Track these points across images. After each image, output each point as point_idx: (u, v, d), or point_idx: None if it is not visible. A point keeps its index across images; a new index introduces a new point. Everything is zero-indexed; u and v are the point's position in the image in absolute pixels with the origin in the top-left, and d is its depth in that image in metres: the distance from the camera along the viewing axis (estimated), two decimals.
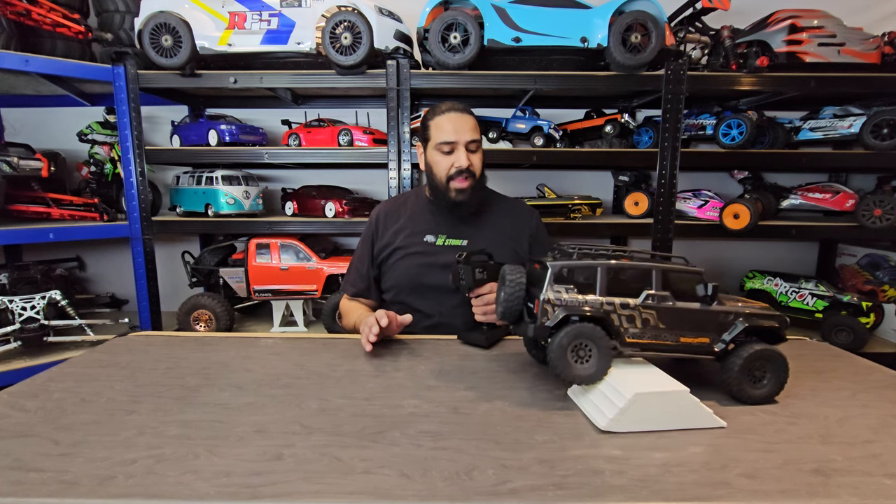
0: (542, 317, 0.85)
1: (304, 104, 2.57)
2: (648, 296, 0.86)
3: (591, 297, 0.86)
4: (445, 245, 1.47)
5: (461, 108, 1.44)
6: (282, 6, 1.98)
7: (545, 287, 0.86)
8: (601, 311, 0.85)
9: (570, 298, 0.85)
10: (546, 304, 0.85)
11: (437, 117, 1.43)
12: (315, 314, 2.48)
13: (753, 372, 0.88)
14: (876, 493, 0.64)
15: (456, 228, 1.49)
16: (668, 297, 0.87)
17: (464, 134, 1.40)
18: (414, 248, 1.48)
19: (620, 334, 0.86)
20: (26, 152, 2.15)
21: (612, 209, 2.70)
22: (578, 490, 0.64)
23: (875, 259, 2.39)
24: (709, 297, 0.88)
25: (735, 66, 2.00)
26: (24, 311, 1.97)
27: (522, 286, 0.93)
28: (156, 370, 1.04)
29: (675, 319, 0.87)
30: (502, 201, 1.60)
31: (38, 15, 2.01)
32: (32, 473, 0.66)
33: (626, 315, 0.86)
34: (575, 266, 0.87)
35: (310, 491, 0.63)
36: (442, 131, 1.41)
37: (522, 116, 2.25)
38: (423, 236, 1.48)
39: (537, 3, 1.93)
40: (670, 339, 0.88)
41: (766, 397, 0.89)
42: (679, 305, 0.87)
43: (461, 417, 0.84)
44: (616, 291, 0.87)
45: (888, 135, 1.95)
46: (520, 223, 1.55)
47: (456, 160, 1.40)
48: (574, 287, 0.86)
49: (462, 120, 1.41)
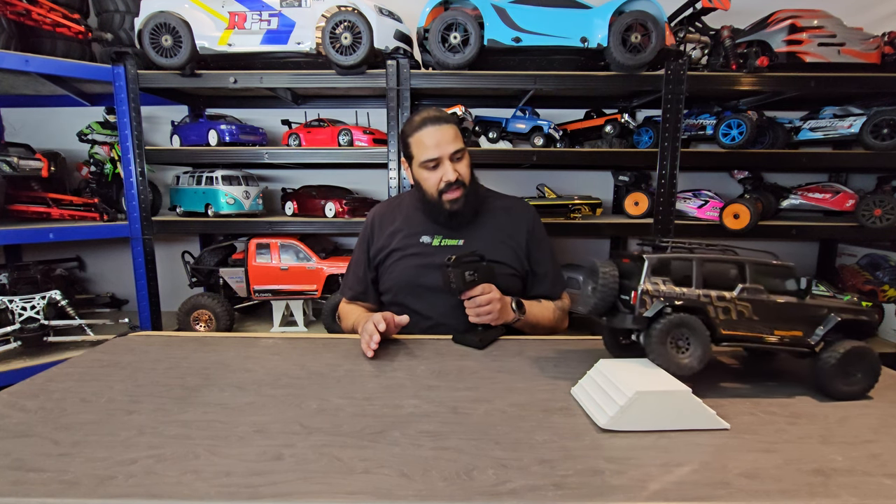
0: (640, 307, 0.87)
1: (304, 104, 2.57)
2: (744, 289, 0.89)
3: (688, 289, 0.88)
4: (441, 245, 1.47)
5: (436, 117, 1.39)
6: (282, 6, 1.98)
7: (643, 278, 0.88)
8: (699, 302, 0.87)
9: (667, 290, 0.88)
10: (644, 294, 0.87)
11: (416, 134, 1.40)
12: (315, 314, 2.48)
13: (847, 368, 0.90)
14: (876, 493, 0.64)
15: (451, 229, 1.48)
16: (762, 290, 0.89)
17: (446, 147, 1.37)
18: (410, 250, 1.47)
19: (716, 326, 0.88)
20: (26, 152, 2.15)
21: (612, 209, 2.69)
22: (578, 490, 0.64)
23: (875, 259, 2.39)
24: (802, 291, 0.90)
25: (735, 66, 2.00)
26: (24, 311, 1.97)
27: (616, 279, 0.94)
28: (156, 370, 1.04)
29: (769, 312, 0.90)
30: (498, 199, 1.59)
31: (38, 15, 2.00)
32: (32, 473, 0.66)
33: (722, 307, 0.88)
34: (672, 259, 0.90)
35: (310, 491, 0.63)
36: (424, 148, 1.38)
37: (522, 116, 2.25)
38: (419, 237, 1.48)
39: (537, 3, 1.93)
40: (765, 332, 0.90)
41: (858, 393, 0.91)
42: (774, 298, 0.90)
43: (461, 417, 0.84)
44: (709, 285, 0.89)
45: (888, 135, 1.95)
46: (517, 220, 1.54)
47: (444, 174, 1.38)
48: (670, 279, 0.89)
49: (441, 132, 1.37)
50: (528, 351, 1.19)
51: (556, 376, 1.02)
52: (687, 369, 0.86)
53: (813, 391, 0.95)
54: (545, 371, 1.05)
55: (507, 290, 1.37)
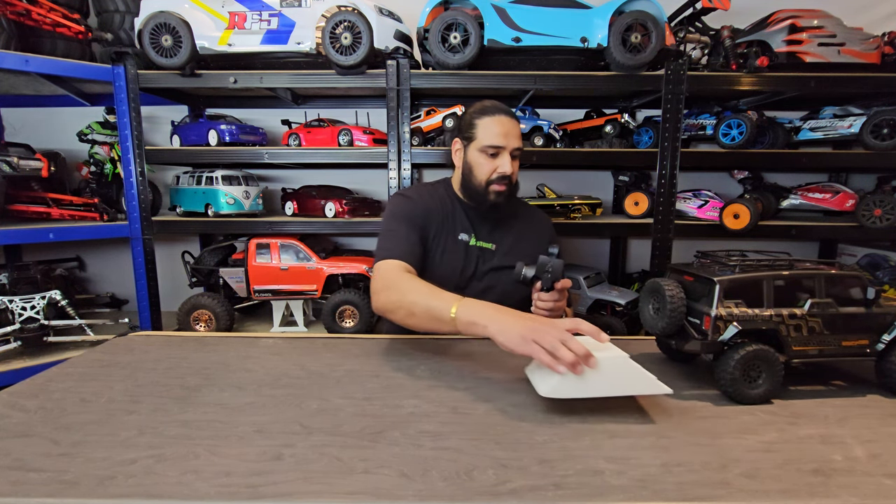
0: (713, 333, 0.87)
1: (304, 104, 2.57)
2: (814, 304, 0.89)
3: (760, 310, 0.88)
4: (478, 246, 1.46)
5: (509, 110, 1.40)
6: (282, 6, 1.98)
7: (714, 303, 0.87)
8: (771, 322, 0.88)
9: (740, 313, 0.87)
10: (718, 320, 0.87)
11: (487, 118, 1.37)
12: (315, 314, 2.48)
13: None
14: (876, 493, 0.64)
15: (486, 231, 1.47)
16: (832, 303, 0.90)
17: (512, 140, 1.37)
18: (451, 244, 1.43)
19: (788, 344, 0.89)
20: (26, 152, 2.15)
21: (612, 209, 2.70)
22: (578, 490, 0.64)
23: (875, 259, 2.39)
24: (870, 301, 0.91)
25: (735, 66, 2.00)
26: (24, 311, 1.97)
27: (684, 302, 0.93)
28: (156, 370, 1.04)
29: (839, 325, 0.90)
30: (522, 207, 1.59)
31: (38, 15, 2.01)
32: (32, 473, 0.66)
33: (794, 325, 0.89)
34: (743, 280, 0.89)
35: (310, 491, 0.63)
36: (491, 134, 1.36)
37: (522, 116, 2.25)
38: (458, 234, 1.45)
39: (537, 3, 1.93)
40: (833, 344, 0.90)
41: None
42: (844, 311, 0.90)
43: (461, 417, 0.84)
44: (779, 301, 0.89)
45: (888, 135, 1.95)
46: (540, 229, 1.55)
47: (500, 165, 1.37)
48: (742, 301, 0.88)
49: (512, 125, 1.38)
50: None
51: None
52: (757, 399, 0.88)
53: (814, 391, 0.95)
54: None
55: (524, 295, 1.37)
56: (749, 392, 0.87)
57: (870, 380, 0.98)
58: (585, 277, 2.25)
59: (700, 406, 0.89)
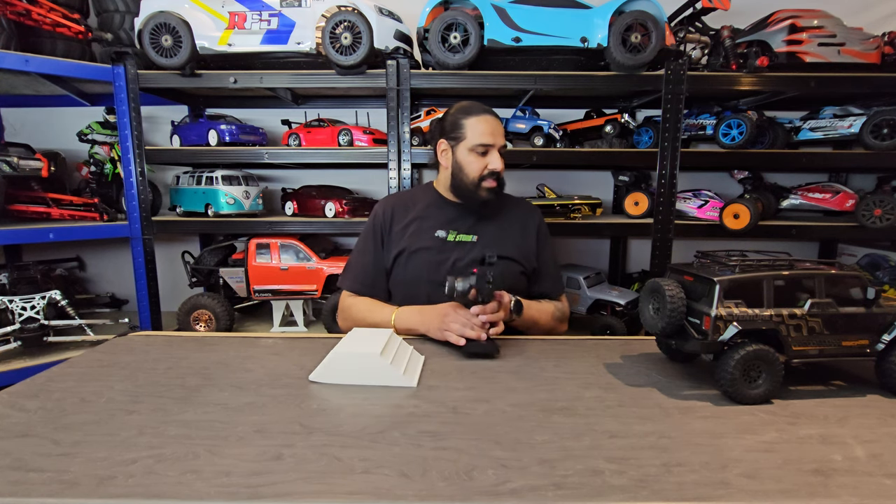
0: (713, 333, 0.87)
1: (304, 104, 2.57)
2: (814, 304, 0.89)
3: (760, 310, 0.88)
4: (456, 241, 1.47)
5: (491, 109, 1.48)
6: (282, 6, 1.98)
7: (714, 303, 0.88)
8: (771, 322, 0.88)
9: (740, 313, 0.87)
10: (718, 320, 0.87)
11: (473, 118, 1.45)
12: (315, 314, 2.48)
13: None
14: (876, 493, 0.64)
15: (466, 225, 1.49)
16: (832, 303, 0.90)
17: (499, 138, 1.45)
18: (425, 244, 1.47)
19: (788, 344, 0.89)
20: (26, 152, 2.15)
21: (612, 209, 2.70)
22: (578, 490, 0.64)
23: (875, 259, 2.39)
24: (870, 301, 0.91)
25: (735, 66, 2.00)
26: (24, 311, 1.97)
27: (684, 302, 0.93)
28: (156, 370, 1.04)
29: (839, 325, 0.90)
30: (507, 200, 1.61)
31: (38, 15, 2.00)
32: (32, 473, 0.66)
33: (794, 325, 0.89)
34: (743, 280, 0.89)
35: (310, 491, 0.63)
36: (481, 133, 1.43)
37: (522, 116, 2.25)
38: (434, 231, 1.48)
39: (537, 3, 1.93)
40: (833, 344, 0.91)
41: None
42: (844, 311, 0.90)
43: (461, 417, 0.84)
44: (779, 301, 0.89)
45: (888, 135, 1.95)
46: (526, 219, 1.57)
47: (491, 163, 1.43)
48: (742, 300, 0.88)
49: (497, 123, 1.46)
50: (528, 351, 1.19)
51: (556, 376, 1.02)
52: (757, 399, 0.88)
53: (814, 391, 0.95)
54: (545, 371, 1.05)
55: (515, 288, 1.37)
56: (749, 392, 0.88)
57: (870, 380, 0.99)
58: (585, 277, 2.25)
59: (700, 406, 0.89)
